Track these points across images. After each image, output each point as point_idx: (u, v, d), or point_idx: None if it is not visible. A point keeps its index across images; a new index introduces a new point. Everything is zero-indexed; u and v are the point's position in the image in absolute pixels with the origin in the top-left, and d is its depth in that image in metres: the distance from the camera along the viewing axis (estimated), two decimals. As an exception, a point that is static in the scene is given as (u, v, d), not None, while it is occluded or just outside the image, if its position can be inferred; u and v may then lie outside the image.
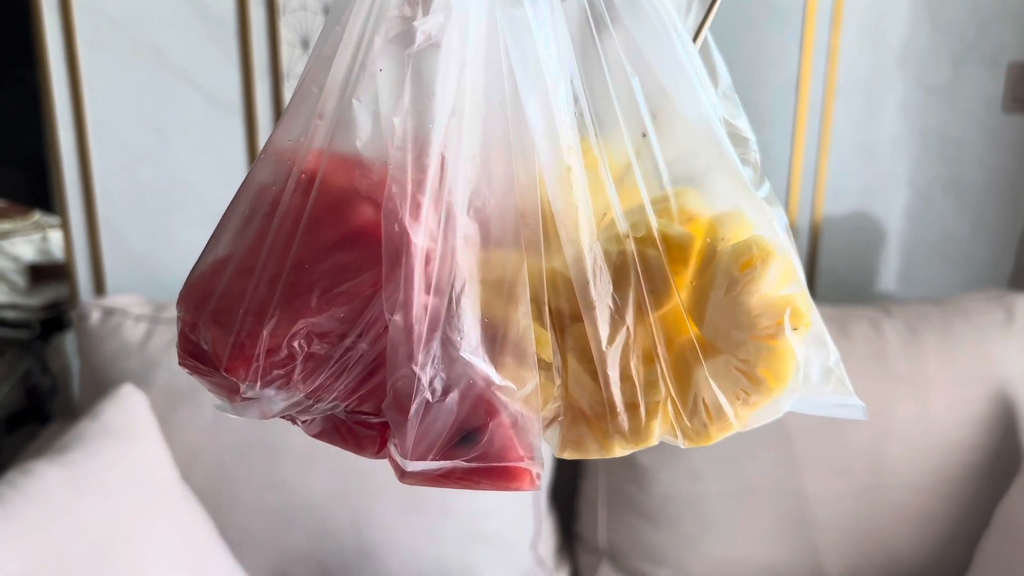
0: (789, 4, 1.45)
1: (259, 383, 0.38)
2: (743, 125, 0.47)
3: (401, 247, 0.37)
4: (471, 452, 0.38)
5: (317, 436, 0.42)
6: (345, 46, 0.39)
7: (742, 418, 0.41)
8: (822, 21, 1.46)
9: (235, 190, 0.41)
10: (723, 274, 0.41)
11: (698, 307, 0.41)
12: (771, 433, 1.29)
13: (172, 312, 1.31)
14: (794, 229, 1.54)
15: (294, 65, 1.42)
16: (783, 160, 1.52)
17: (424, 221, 0.38)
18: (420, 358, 0.37)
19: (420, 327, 0.37)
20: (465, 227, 0.39)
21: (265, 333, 0.37)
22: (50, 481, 1.04)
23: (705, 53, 0.47)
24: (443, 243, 0.38)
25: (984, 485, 1.30)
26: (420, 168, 0.38)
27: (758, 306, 0.40)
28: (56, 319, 1.68)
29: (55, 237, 1.69)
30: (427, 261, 0.38)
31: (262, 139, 1.44)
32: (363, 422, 0.40)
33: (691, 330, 0.41)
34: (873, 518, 1.29)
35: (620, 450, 0.42)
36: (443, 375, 0.38)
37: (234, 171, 1.45)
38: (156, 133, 1.44)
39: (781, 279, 0.41)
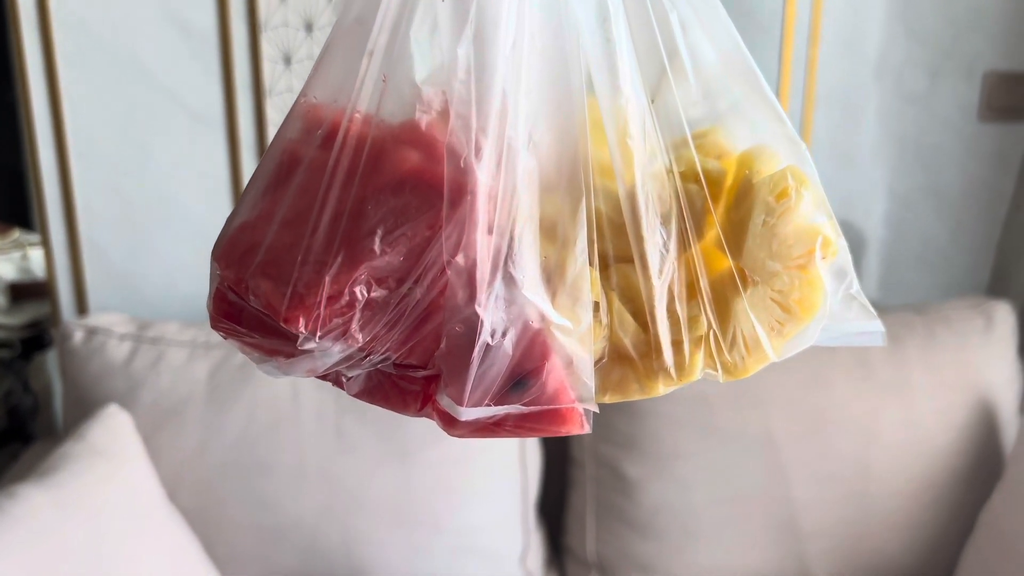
0: (768, 17, 1.47)
1: (319, 332, 0.36)
2: None
3: (465, 185, 0.36)
4: (523, 397, 0.37)
5: (357, 395, 0.40)
6: None
7: (776, 349, 0.42)
8: (800, 33, 1.48)
9: (218, 206, 0.41)
10: (760, 204, 0.41)
11: (734, 240, 0.42)
12: (758, 441, 1.29)
13: (156, 331, 1.30)
14: (776, 238, 1.55)
15: (276, 81, 1.42)
16: (764, 170, 1.53)
17: (486, 158, 0.36)
18: (483, 299, 0.36)
19: (483, 268, 0.36)
20: (526, 162, 0.38)
21: (327, 280, 0.36)
22: (36, 503, 1.03)
23: None
24: (504, 180, 0.37)
25: (968, 491, 1.31)
26: (485, 101, 0.36)
27: (792, 235, 0.41)
28: (37, 338, 1.67)
29: (35, 255, 1.67)
30: (488, 199, 0.37)
31: (244, 154, 1.43)
32: (408, 377, 0.39)
33: (731, 262, 0.42)
34: (860, 524, 1.30)
35: (663, 388, 0.42)
36: (503, 316, 0.37)
37: (217, 186, 1.44)
38: (139, 149, 1.43)
39: (813, 208, 0.42)
